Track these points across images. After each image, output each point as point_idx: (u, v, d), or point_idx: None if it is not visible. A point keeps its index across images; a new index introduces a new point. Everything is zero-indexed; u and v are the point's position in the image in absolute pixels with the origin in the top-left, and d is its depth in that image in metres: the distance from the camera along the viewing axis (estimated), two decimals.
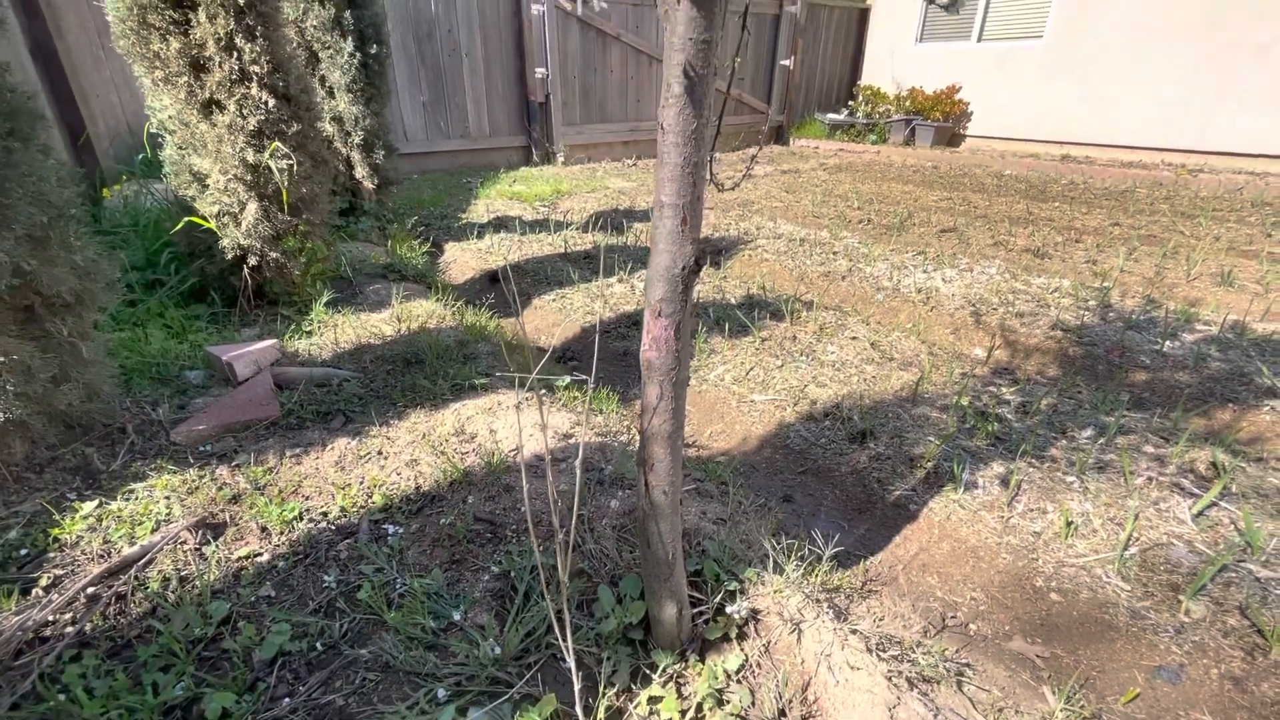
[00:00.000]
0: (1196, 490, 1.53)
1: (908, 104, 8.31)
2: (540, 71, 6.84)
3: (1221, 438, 1.75)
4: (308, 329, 2.49)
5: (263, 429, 1.79)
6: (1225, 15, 5.86)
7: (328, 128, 3.52)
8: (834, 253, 3.70)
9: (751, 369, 2.24)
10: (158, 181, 3.21)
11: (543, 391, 1.96)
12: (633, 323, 2.77)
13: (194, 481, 1.54)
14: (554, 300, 3.10)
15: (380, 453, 1.65)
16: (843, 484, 1.67)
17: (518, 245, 3.98)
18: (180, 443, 1.71)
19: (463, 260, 3.84)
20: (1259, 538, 1.35)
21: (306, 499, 1.49)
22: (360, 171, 3.69)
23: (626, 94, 7.64)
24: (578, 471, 0.76)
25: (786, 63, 8.55)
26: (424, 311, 2.64)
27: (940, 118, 8.05)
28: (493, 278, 3.51)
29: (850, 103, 9.06)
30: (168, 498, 1.48)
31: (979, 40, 7.81)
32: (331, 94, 3.48)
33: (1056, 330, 2.55)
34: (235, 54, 2.18)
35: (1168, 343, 2.40)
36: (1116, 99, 6.77)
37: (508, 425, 1.70)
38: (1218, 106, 6.10)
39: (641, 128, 7.88)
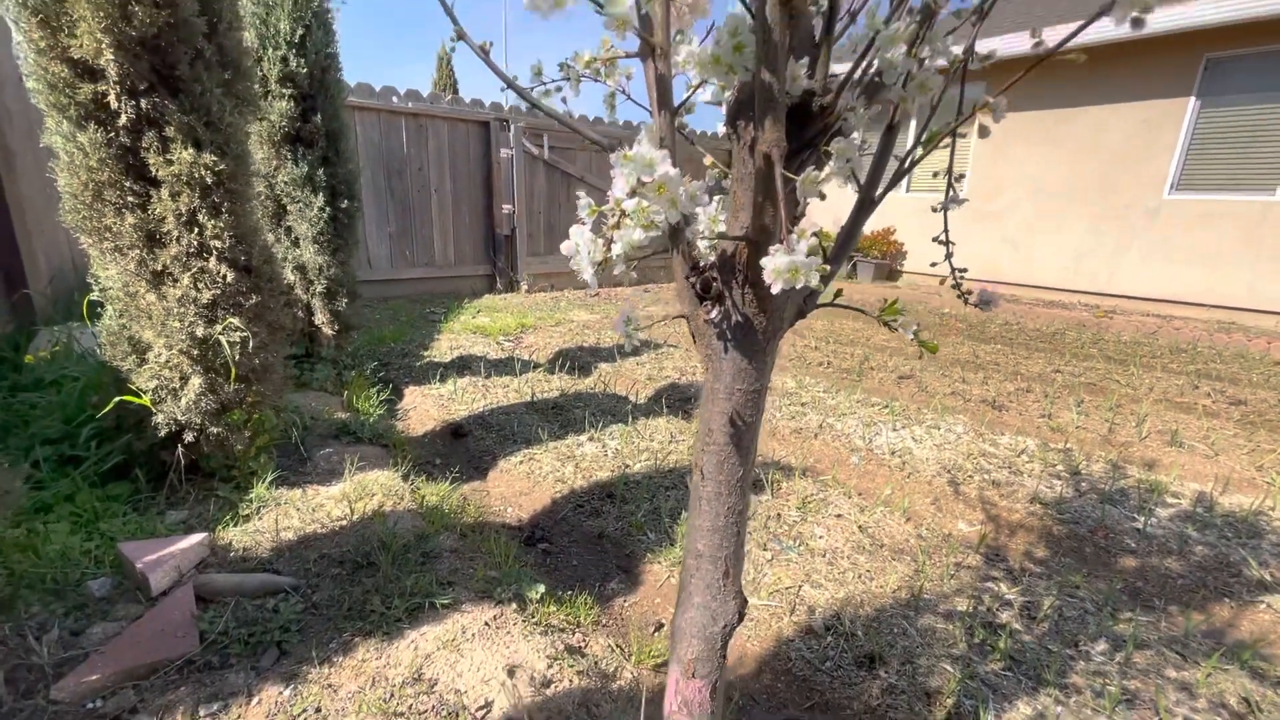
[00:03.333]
0: None
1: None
2: (507, 207, 7.09)
3: (1239, 655, 1.68)
4: (246, 512, 2.22)
5: (174, 671, 1.50)
6: (1115, 182, 6.69)
7: (290, 276, 3.43)
8: (802, 404, 3.71)
9: None
10: (85, 316, 2.99)
11: (513, 607, 1.74)
12: (606, 494, 2.61)
13: None
14: (521, 463, 2.92)
15: (319, 709, 1.38)
16: None
17: (481, 391, 3.84)
18: (64, 700, 1.39)
19: (423, 408, 3.65)
20: None
21: None
22: (320, 318, 3.56)
23: None
24: None
25: None
26: (380, 488, 2.42)
27: (879, 255, 8.67)
28: (455, 432, 3.33)
29: None
30: None
31: (908, 191, 8.64)
32: (297, 244, 3.41)
33: (1036, 505, 2.53)
34: (196, 229, 2.08)
35: (1145, 520, 2.40)
36: (1032, 247, 7.48)
37: (474, 667, 1.47)
38: (1121, 257, 6.79)
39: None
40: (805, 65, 0.50)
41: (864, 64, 0.51)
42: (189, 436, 2.21)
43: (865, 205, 0.60)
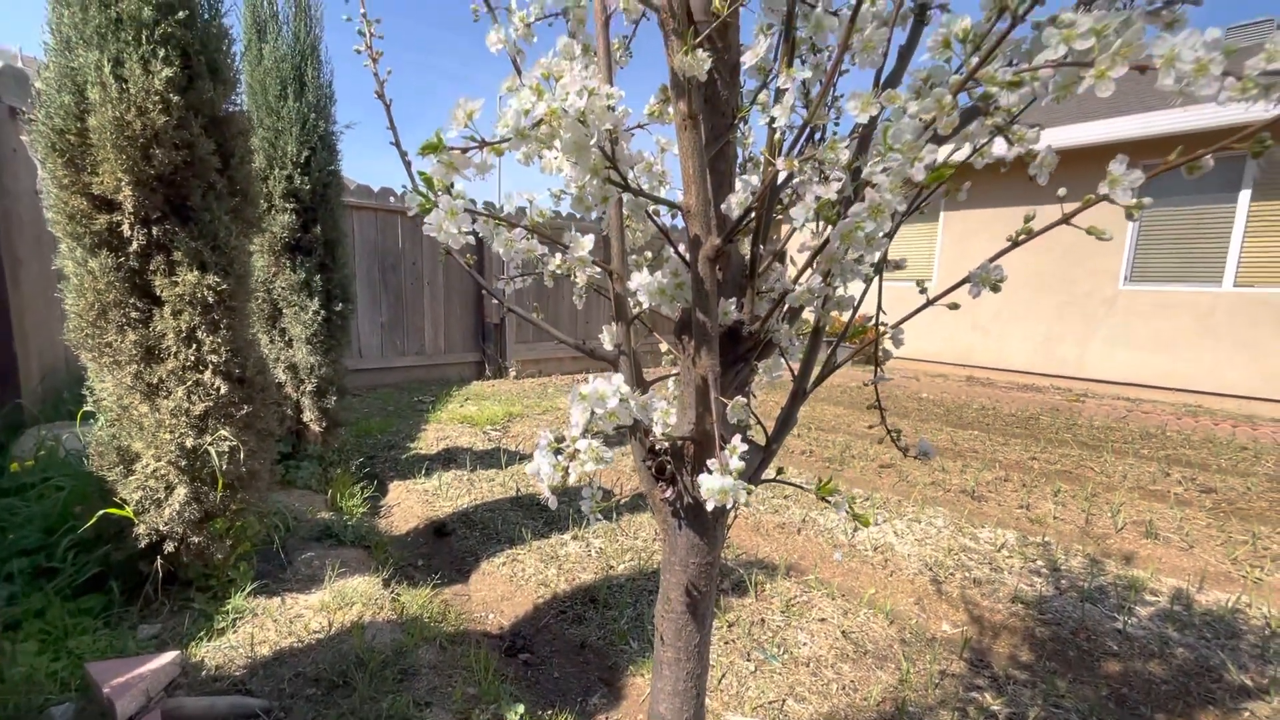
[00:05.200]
0: None
1: (827, 329, 9.28)
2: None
3: None
4: (221, 625, 2.18)
5: None
6: (1074, 274, 7.07)
7: (280, 375, 3.50)
8: (785, 496, 3.74)
9: (724, 675, 2.06)
10: (77, 424, 3.02)
11: None
12: (589, 599, 2.59)
13: None
14: (504, 564, 2.90)
15: None
16: None
17: (466, 486, 3.84)
18: None
19: (407, 505, 3.64)
20: None
21: None
22: (309, 415, 3.60)
23: (577, 317, 8.20)
24: None
25: None
26: (360, 596, 2.39)
27: (857, 341, 8.96)
28: (438, 530, 3.31)
29: None
30: None
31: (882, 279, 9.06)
32: (290, 344, 3.51)
33: (1017, 605, 2.55)
34: (195, 345, 2.18)
35: (1125, 620, 2.42)
36: (1004, 333, 7.79)
37: None
38: (1087, 342, 7.08)
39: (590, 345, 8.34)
40: (734, 301, 0.61)
41: (784, 303, 0.63)
42: (169, 546, 2.20)
43: (798, 395, 0.70)
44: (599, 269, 0.68)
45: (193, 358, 2.18)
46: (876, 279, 0.71)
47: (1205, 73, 0.40)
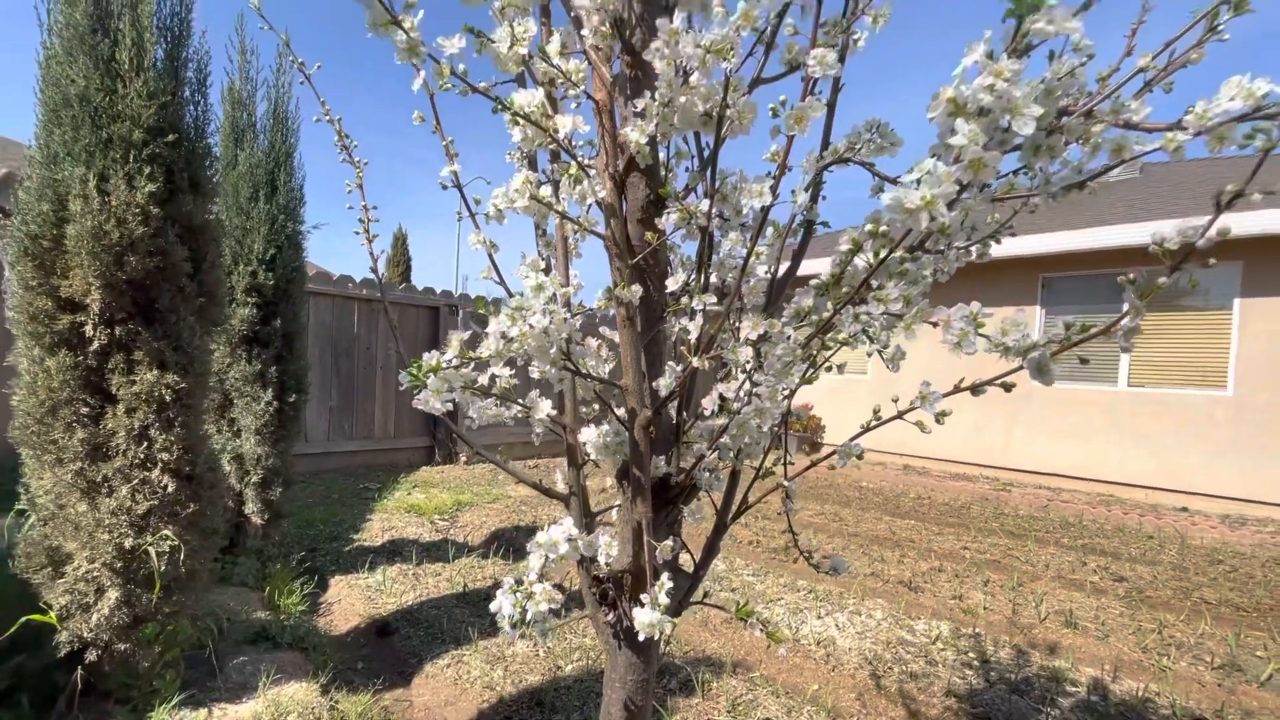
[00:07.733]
0: None
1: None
2: None
3: None
4: None
5: None
6: (990, 371, 7.66)
7: (226, 466, 3.43)
8: (732, 589, 3.81)
9: None
10: (7, 521, 2.85)
11: None
12: (536, 702, 2.56)
13: None
14: (449, 666, 2.83)
15: None
16: None
17: (411, 582, 3.75)
18: None
19: (348, 601, 3.51)
20: None
21: None
22: (251, 507, 3.51)
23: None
24: None
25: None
26: (295, 704, 2.30)
27: (800, 429, 9.32)
28: (381, 630, 3.20)
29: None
30: None
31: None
32: (238, 434, 3.47)
33: (951, 699, 2.65)
34: (146, 443, 2.18)
35: (1049, 711, 2.56)
36: (934, 425, 8.27)
37: None
38: (1010, 434, 7.60)
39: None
40: (664, 457, 0.77)
41: (709, 453, 0.80)
42: (92, 655, 2.10)
43: (721, 528, 0.85)
44: (554, 422, 0.84)
45: (142, 455, 2.18)
46: (782, 426, 0.88)
47: (967, 337, 0.61)
